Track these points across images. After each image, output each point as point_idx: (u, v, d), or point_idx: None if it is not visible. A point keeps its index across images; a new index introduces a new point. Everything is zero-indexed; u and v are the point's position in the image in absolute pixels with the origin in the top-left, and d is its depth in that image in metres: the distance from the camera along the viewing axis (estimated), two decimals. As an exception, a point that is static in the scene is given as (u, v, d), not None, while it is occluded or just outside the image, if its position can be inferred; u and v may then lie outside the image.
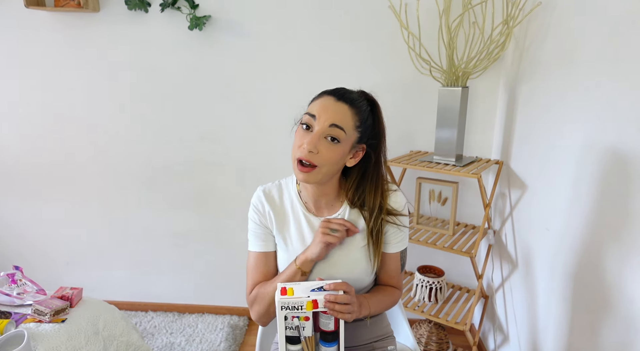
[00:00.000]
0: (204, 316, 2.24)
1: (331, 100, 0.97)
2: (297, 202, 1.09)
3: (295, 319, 0.93)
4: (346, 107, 0.96)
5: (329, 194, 1.07)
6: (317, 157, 0.94)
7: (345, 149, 0.97)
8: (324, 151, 0.95)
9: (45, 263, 2.26)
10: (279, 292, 0.93)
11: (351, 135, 0.97)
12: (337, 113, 0.95)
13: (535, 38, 1.50)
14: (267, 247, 1.11)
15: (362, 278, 1.09)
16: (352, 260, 1.07)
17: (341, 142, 0.96)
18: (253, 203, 1.12)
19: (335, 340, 0.96)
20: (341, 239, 1.01)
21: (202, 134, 2.00)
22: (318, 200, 1.08)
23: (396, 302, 1.16)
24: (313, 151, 0.94)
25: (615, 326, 1.03)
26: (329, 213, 1.08)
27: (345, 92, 0.99)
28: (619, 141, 1.03)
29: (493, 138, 1.88)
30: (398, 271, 1.14)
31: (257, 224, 1.11)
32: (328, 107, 0.95)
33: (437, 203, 1.79)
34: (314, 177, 0.97)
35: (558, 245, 1.32)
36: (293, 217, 1.09)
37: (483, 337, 2.02)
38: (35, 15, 1.86)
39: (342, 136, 0.95)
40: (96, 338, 1.36)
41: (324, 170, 0.96)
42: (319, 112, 0.95)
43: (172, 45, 1.87)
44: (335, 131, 0.94)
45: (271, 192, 1.12)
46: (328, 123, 0.94)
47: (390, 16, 1.68)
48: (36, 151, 2.07)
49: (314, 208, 1.09)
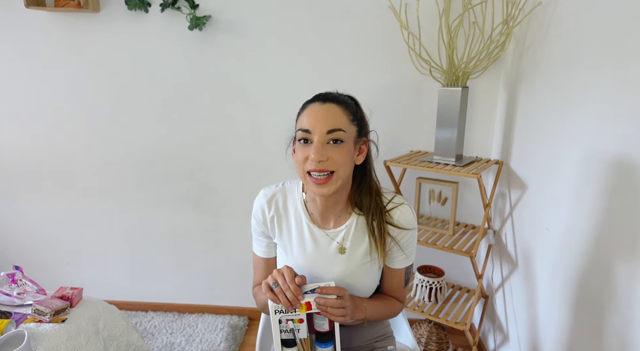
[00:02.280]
0: (204, 316, 2.24)
1: (317, 105, 0.95)
2: (301, 212, 1.06)
3: (290, 322, 0.93)
4: (334, 106, 0.95)
5: (339, 203, 1.03)
6: (329, 162, 0.92)
7: (350, 147, 0.96)
8: (333, 154, 0.92)
9: (45, 263, 2.26)
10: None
11: (351, 131, 0.95)
12: (329, 116, 0.93)
13: (535, 38, 1.50)
14: (268, 253, 1.12)
15: (369, 290, 1.09)
16: (357, 276, 1.05)
17: (345, 141, 0.94)
18: (254, 210, 1.10)
19: (330, 340, 0.96)
20: (273, 300, 0.91)
21: (202, 134, 2.00)
22: (326, 212, 1.04)
23: (396, 314, 1.13)
24: (322, 159, 0.91)
25: (616, 326, 1.03)
26: (335, 225, 1.05)
27: (327, 93, 0.98)
28: (619, 141, 1.03)
29: (493, 138, 1.88)
30: (401, 286, 1.11)
31: (257, 232, 1.11)
32: (318, 114, 0.93)
33: (437, 203, 1.79)
34: (333, 185, 0.94)
35: (558, 245, 1.32)
36: (296, 225, 1.06)
37: (483, 337, 2.02)
38: (35, 15, 1.86)
39: (343, 135, 0.93)
40: (96, 338, 1.36)
41: (341, 174, 0.94)
42: (312, 123, 0.93)
43: (172, 45, 1.87)
44: (335, 134, 0.92)
45: (275, 196, 1.08)
46: (325, 130, 0.92)
47: (390, 16, 1.68)
48: (36, 151, 2.07)
49: (320, 219, 1.05)
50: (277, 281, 0.90)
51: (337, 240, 1.04)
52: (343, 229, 1.04)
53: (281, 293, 0.89)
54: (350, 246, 1.04)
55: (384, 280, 1.11)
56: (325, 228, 1.05)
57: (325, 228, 1.05)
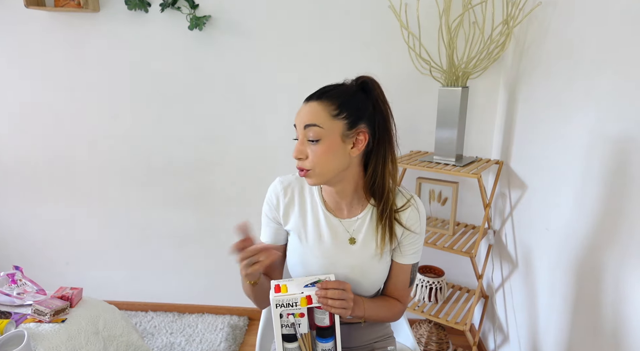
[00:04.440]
0: (204, 316, 2.24)
1: (302, 106, 0.98)
2: (317, 199, 1.07)
3: (291, 316, 0.93)
4: (314, 103, 0.95)
5: (348, 195, 1.03)
6: (306, 161, 0.96)
7: (331, 144, 0.93)
8: (310, 153, 0.95)
9: (45, 263, 2.26)
10: (273, 289, 0.94)
11: (333, 126, 0.93)
12: (307, 114, 0.95)
13: (535, 38, 1.50)
14: (275, 240, 1.11)
15: (374, 287, 1.09)
16: (366, 270, 1.05)
17: (323, 139, 0.93)
18: (268, 196, 1.10)
19: (331, 335, 0.96)
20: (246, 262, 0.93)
21: (202, 134, 2.00)
22: (339, 202, 1.05)
23: (397, 317, 1.12)
24: (302, 157, 0.95)
25: (616, 327, 1.03)
26: (349, 215, 1.06)
27: (317, 91, 0.98)
28: (619, 141, 1.03)
29: (493, 138, 1.88)
30: (406, 285, 1.10)
31: (268, 218, 1.11)
32: (300, 112, 0.97)
33: (437, 203, 1.79)
34: (312, 180, 0.97)
35: (558, 245, 1.32)
36: (312, 213, 1.07)
37: (483, 337, 2.02)
38: (35, 15, 1.86)
39: (320, 132, 0.93)
40: (96, 338, 1.36)
41: (317, 171, 0.95)
42: (296, 120, 0.97)
43: (172, 45, 1.87)
44: (310, 131, 0.93)
45: (291, 184, 1.09)
46: (302, 127, 0.95)
47: (390, 16, 1.68)
48: (36, 151, 2.07)
49: (334, 208, 1.06)
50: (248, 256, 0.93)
51: (349, 231, 1.05)
52: (357, 220, 1.05)
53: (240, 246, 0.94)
54: (362, 238, 1.04)
55: (390, 277, 1.10)
56: (340, 217, 1.06)
57: (339, 216, 1.06)
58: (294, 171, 1.00)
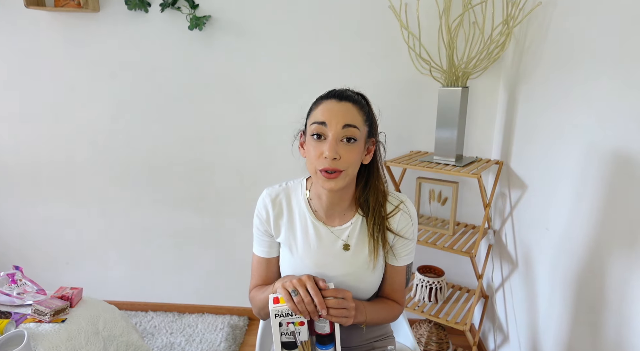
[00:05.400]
0: (204, 316, 2.24)
1: (334, 102, 0.95)
2: (305, 210, 1.06)
3: (291, 325, 0.92)
4: (350, 105, 0.95)
5: (345, 201, 1.04)
6: (340, 161, 0.93)
7: (361, 146, 0.97)
8: (345, 153, 0.93)
9: (45, 263, 2.26)
10: (272, 301, 0.92)
11: (363, 131, 0.97)
12: (347, 113, 0.94)
13: (535, 38, 1.50)
14: (269, 253, 1.11)
15: (370, 291, 1.09)
16: (361, 275, 1.05)
17: (358, 140, 0.95)
18: (257, 209, 1.10)
19: (331, 342, 0.95)
20: (292, 310, 0.89)
21: (202, 134, 2.00)
22: (331, 209, 1.04)
23: (396, 318, 1.13)
24: (336, 157, 0.92)
25: (616, 327, 1.03)
26: (340, 223, 1.06)
27: (342, 91, 0.99)
28: (619, 141, 1.03)
29: (493, 138, 1.88)
30: (402, 286, 1.11)
31: (260, 231, 1.10)
32: (335, 110, 0.94)
33: (437, 203, 1.79)
34: (341, 182, 0.94)
35: (558, 245, 1.32)
36: (300, 224, 1.07)
37: (483, 337, 2.02)
38: (35, 15, 1.86)
39: (357, 134, 0.94)
40: (96, 338, 1.36)
41: (349, 172, 0.95)
42: (328, 117, 0.93)
43: (172, 45, 1.87)
44: (350, 131, 0.93)
45: (278, 196, 1.08)
46: (341, 125, 0.92)
47: (390, 16, 1.68)
48: (36, 151, 2.07)
49: (325, 216, 1.06)
50: (298, 290, 0.89)
51: (342, 238, 1.05)
52: (348, 227, 1.05)
53: (301, 302, 0.88)
54: (355, 244, 1.05)
55: (386, 280, 1.11)
56: (330, 225, 1.06)
57: (330, 225, 1.06)
58: (294, 170, 1.00)
